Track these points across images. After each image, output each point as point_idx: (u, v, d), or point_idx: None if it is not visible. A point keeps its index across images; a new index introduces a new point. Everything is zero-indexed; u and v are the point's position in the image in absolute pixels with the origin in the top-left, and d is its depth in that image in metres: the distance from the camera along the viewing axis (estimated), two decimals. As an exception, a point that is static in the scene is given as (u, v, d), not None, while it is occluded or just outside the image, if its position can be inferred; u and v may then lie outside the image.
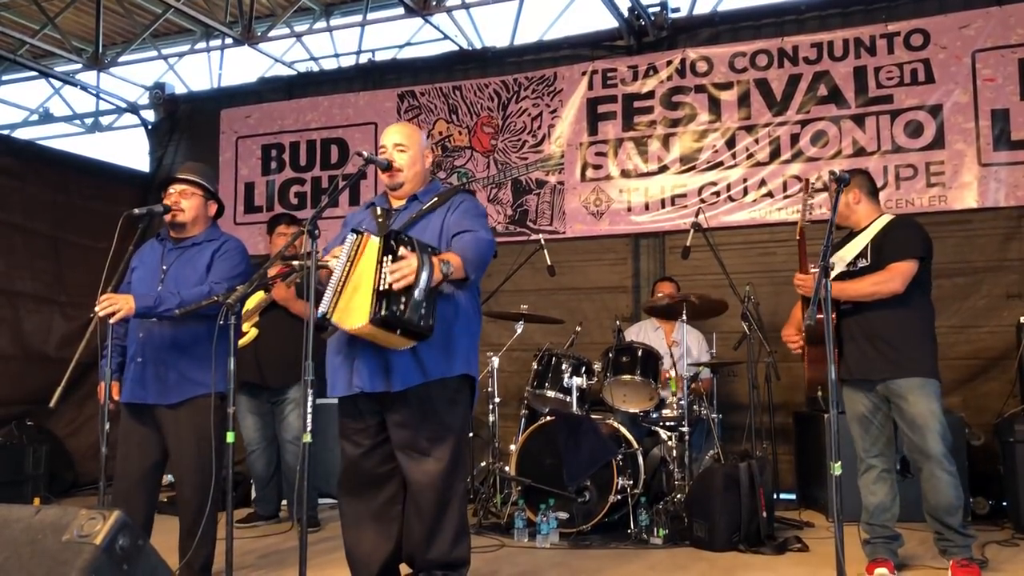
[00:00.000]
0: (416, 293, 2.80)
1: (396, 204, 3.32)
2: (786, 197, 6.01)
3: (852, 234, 3.93)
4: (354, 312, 2.87)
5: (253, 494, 5.51)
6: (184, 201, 3.67)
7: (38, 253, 6.82)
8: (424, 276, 2.80)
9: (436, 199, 3.26)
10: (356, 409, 3.18)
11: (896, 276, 3.67)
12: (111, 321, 3.36)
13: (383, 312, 2.78)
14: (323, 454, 5.30)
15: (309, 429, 2.79)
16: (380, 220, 3.25)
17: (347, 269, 2.93)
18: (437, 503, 3.11)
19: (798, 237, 3.92)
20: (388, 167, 3.24)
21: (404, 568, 3.32)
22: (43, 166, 7.00)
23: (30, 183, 6.80)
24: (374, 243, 2.93)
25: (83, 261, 6.81)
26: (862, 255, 3.82)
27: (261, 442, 5.27)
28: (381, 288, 2.80)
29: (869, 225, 3.87)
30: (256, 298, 5.18)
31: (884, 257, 3.74)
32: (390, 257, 2.83)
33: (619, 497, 4.59)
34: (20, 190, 6.72)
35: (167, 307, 3.42)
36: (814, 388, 3.87)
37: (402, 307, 2.78)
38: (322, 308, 2.92)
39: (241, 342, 5.16)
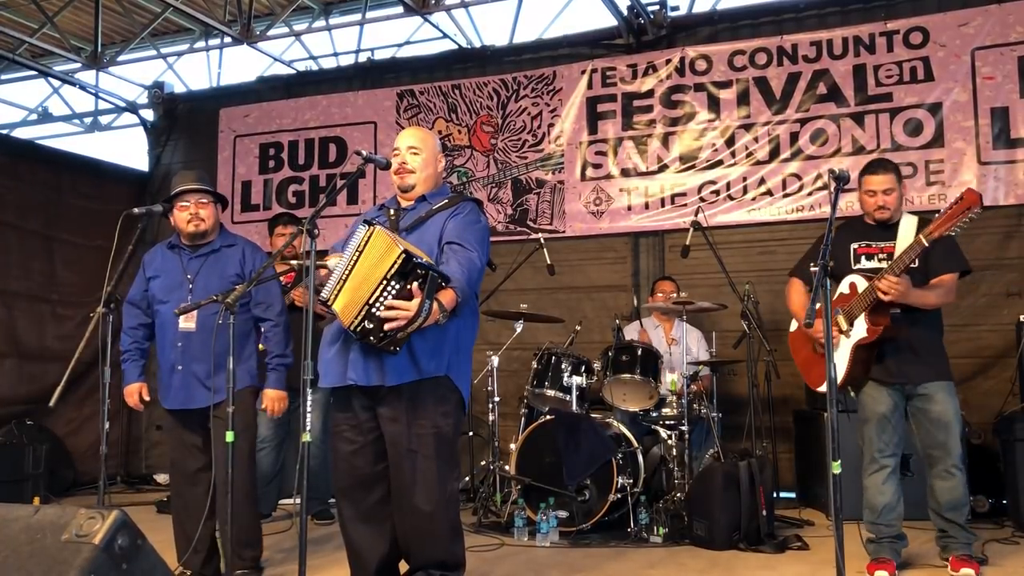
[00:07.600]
0: (399, 333, 2.91)
1: (405, 205, 3.35)
2: (785, 196, 6.00)
3: (884, 225, 3.80)
4: (346, 310, 2.97)
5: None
6: (203, 211, 3.78)
7: (31, 252, 6.80)
8: (415, 324, 2.90)
9: (445, 202, 3.30)
10: (349, 404, 3.19)
11: (952, 290, 3.76)
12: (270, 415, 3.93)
13: (359, 329, 2.94)
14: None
15: (308, 428, 2.80)
16: (392, 218, 3.30)
17: (354, 259, 2.97)
18: (429, 502, 3.11)
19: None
20: (387, 166, 3.25)
21: (404, 565, 3.31)
22: (37, 164, 6.98)
23: (24, 181, 6.78)
24: (382, 238, 2.93)
25: (77, 260, 6.81)
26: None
27: (273, 440, 5.26)
28: (374, 309, 2.90)
29: (899, 220, 3.78)
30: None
31: (933, 264, 3.72)
32: (396, 286, 2.88)
33: (619, 496, 4.59)
34: (14, 188, 6.69)
35: (287, 361, 3.85)
36: (846, 387, 3.88)
37: (381, 334, 2.92)
38: (324, 293, 3.01)
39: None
